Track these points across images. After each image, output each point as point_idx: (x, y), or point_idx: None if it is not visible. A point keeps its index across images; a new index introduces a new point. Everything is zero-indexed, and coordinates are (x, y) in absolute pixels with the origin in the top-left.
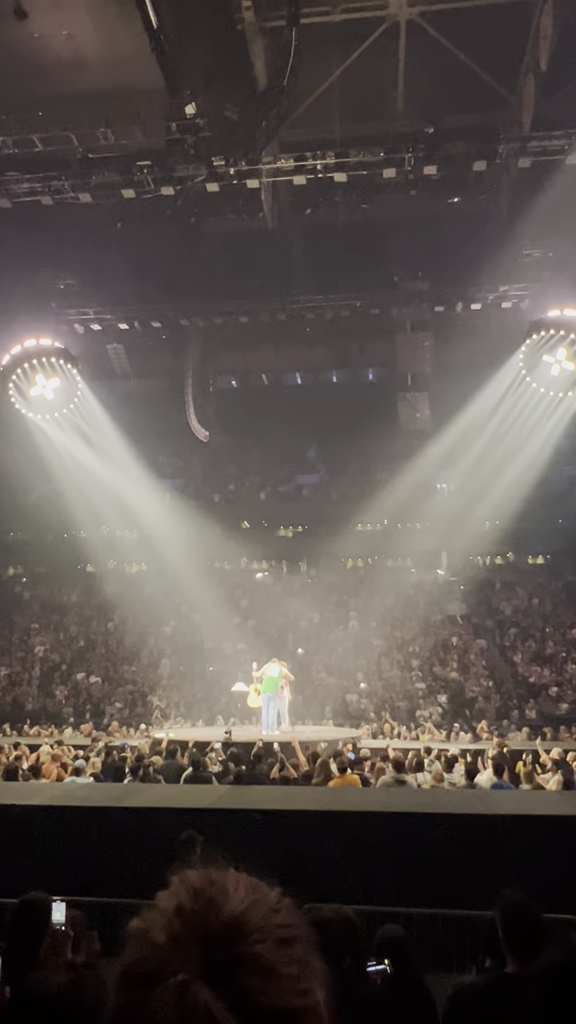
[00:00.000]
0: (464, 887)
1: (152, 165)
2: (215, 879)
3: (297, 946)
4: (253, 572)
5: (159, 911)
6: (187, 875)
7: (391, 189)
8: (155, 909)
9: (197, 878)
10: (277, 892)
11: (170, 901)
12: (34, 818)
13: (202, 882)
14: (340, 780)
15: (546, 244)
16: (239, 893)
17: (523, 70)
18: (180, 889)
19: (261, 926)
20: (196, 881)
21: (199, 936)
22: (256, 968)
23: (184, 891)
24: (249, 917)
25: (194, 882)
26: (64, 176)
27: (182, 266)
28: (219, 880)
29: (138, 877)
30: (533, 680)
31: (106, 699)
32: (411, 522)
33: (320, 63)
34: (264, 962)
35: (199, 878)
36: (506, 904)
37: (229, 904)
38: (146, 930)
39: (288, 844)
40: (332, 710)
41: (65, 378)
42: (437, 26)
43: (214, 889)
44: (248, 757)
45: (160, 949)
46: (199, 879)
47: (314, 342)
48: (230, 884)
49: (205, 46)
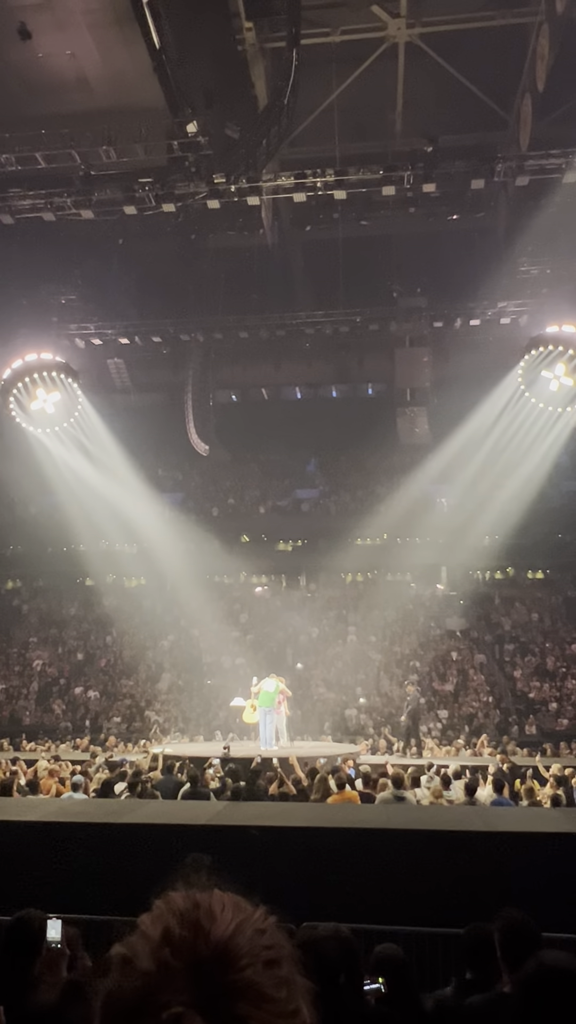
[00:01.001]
0: (462, 905)
1: (153, 182)
2: (201, 901)
3: (284, 966)
4: (252, 586)
5: (144, 937)
6: (171, 898)
7: (390, 206)
8: (140, 935)
9: (182, 901)
10: (262, 911)
11: (156, 926)
12: (30, 835)
13: (187, 905)
14: (339, 797)
15: (544, 261)
16: (226, 915)
17: (520, 90)
18: (165, 913)
19: (249, 950)
20: (181, 904)
21: (188, 964)
22: (247, 994)
23: (170, 915)
24: (237, 941)
25: (179, 905)
26: (66, 193)
27: (182, 282)
28: (205, 902)
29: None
30: (533, 696)
31: (104, 714)
32: (410, 537)
33: (320, 83)
34: (255, 987)
35: (184, 901)
36: (505, 923)
37: (217, 928)
38: (131, 957)
39: (285, 861)
40: (331, 725)
41: (66, 392)
42: (435, 47)
43: (200, 912)
44: (246, 773)
45: (148, 977)
46: (184, 902)
47: (313, 357)
48: (216, 906)
49: (207, 66)
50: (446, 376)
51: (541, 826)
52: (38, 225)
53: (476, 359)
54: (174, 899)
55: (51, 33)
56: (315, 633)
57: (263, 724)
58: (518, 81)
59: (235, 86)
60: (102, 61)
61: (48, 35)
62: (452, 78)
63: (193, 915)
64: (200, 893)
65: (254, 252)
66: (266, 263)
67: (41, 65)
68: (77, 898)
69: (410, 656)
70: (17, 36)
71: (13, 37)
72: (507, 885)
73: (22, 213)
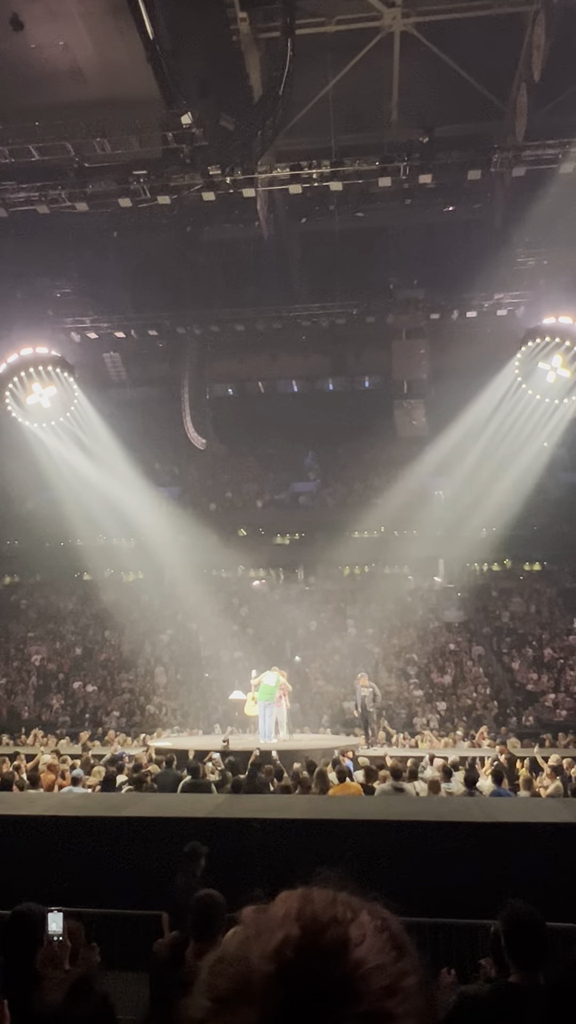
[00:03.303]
0: (464, 896)
1: (148, 174)
2: (340, 919)
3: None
4: (250, 580)
5: (261, 934)
6: (310, 898)
7: (386, 198)
8: (259, 927)
9: (321, 908)
10: (412, 961)
11: (278, 928)
12: (31, 828)
13: (324, 916)
14: (340, 789)
15: (541, 252)
16: (360, 952)
17: (516, 80)
18: (294, 916)
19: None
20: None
21: (290, 991)
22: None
23: (296, 921)
24: (357, 988)
25: (315, 912)
26: (61, 185)
27: (178, 274)
28: (343, 923)
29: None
30: (531, 687)
31: (103, 708)
32: (408, 529)
33: (315, 73)
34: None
35: (323, 909)
36: (509, 913)
37: (339, 964)
38: (233, 957)
39: (286, 853)
40: (330, 718)
41: (62, 386)
42: (431, 37)
43: (331, 933)
44: (246, 766)
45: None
46: (323, 910)
47: (310, 350)
48: (355, 933)
49: (201, 56)
50: (443, 368)
51: (541, 816)
52: (32, 218)
53: (473, 351)
54: (314, 901)
55: (44, 23)
56: (313, 626)
57: (262, 717)
58: (514, 71)
59: (230, 77)
60: (96, 52)
61: (41, 25)
62: (448, 68)
63: (320, 934)
64: (346, 905)
65: (250, 244)
66: (262, 255)
67: (34, 56)
68: (79, 891)
69: (408, 648)
70: (9, 27)
71: (5, 28)
72: (508, 875)
73: (16, 206)
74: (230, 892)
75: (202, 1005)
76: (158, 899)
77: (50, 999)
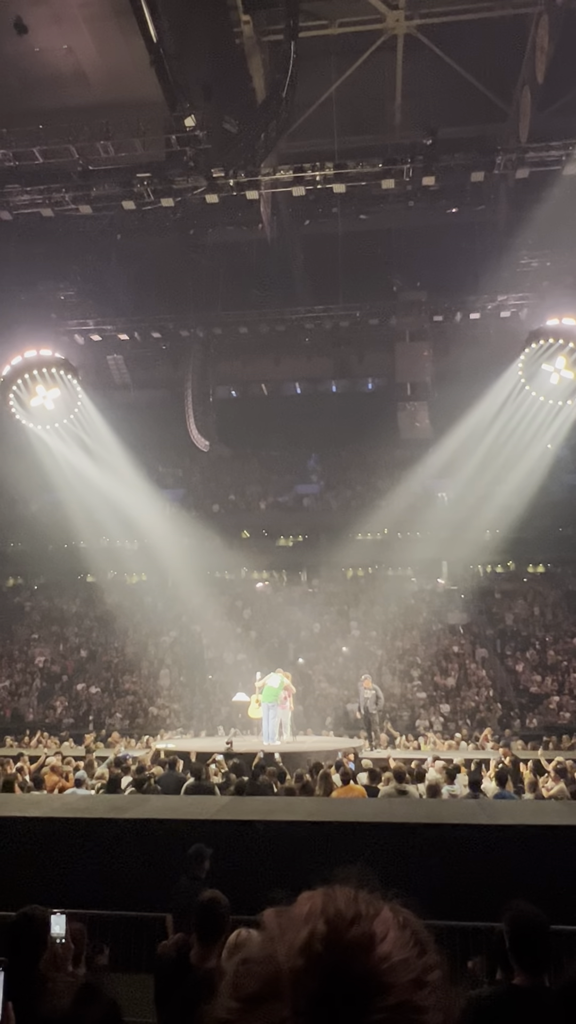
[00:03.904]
0: (468, 898)
1: (152, 177)
2: (364, 915)
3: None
4: (253, 582)
5: (287, 931)
6: (334, 896)
7: (390, 200)
8: (285, 924)
9: (344, 905)
10: (434, 957)
11: (303, 925)
12: (35, 830)
13: (348, 912)
14: (344, 791)
15: (544, 254)
16: (384, 947)
17: (520, 82)
18: (319, 913)
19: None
20: (342, 908)
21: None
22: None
23: (322, 919)
24: (385, 981)
25: (339, 909)
26: (64, 188)
27: (182, 277)
28: (368, 919)
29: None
30: (534, 689)
31: (106, 710)
32: (411, 531)
33: (318, 76)
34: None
35: (346, 906)
36: (514, 915)
37: (366, 958)
38: (261, 955)
39: (290, 855)
40: (333, 720)
41: (65, 389)
42: (434, 39)
43: (356, 930)
44: (249, 768)
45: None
46: (346, 907)
47: (313, 352)
48: (379, 928)
49: (204, 59)
50: (446, 370)
51: (545, 819)
52: (36, 221)
53: (476, 353)
54: (337, 899)
55: (48, 27)
56: (317, 628)
57: (266, 718)
58: (518, 73)
59: (233, 79)
60: (99, 55)
61: (45, 29)
62: (451, 70)
63: (347, 929)
64: (368, 902)
65: (253, 247)
66: (265, 258)
67: (38, 59)
68: (83, 893)
69: (411, 651)
70: (13, 30)
71: (9, 31)
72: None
73: (20, 209)
74: (234, 894)
75: (230, 1006)
76: (162, 901)
77: (58, 1003)
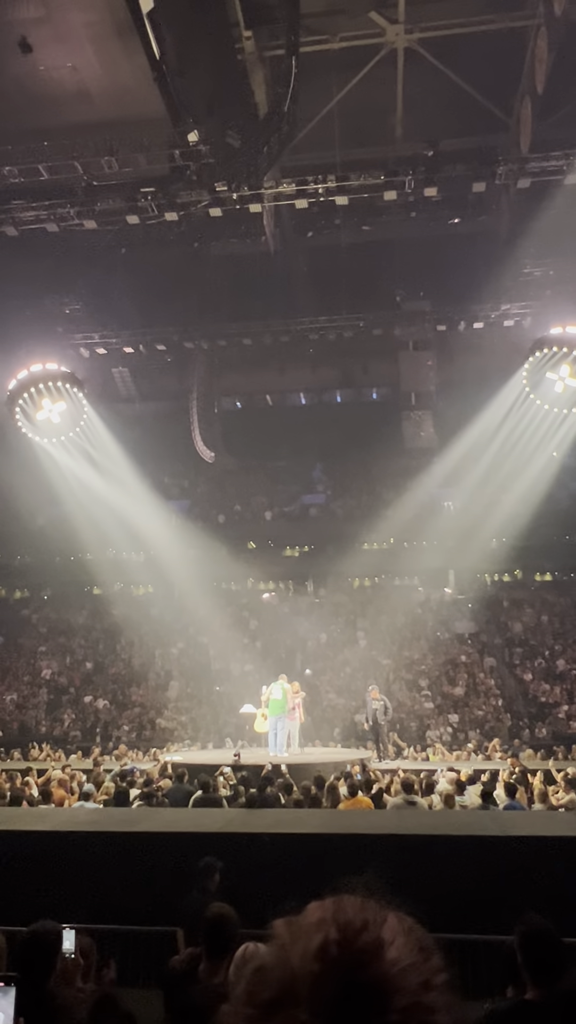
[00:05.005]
0: (479, 911)
1: (156, 192)
2: (372, 922)
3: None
4: (260, 592)
5: (299, 939)
6: (343, 904)
7: (392, 211)
8: (297, 933)
9: (353, 913)
10: (438, 961)
11: (315, 932)
12: (42, 844)
13: (357, 919)
14: (351, 803)
15: (547, 262)
16: (392, 952)
17: (520, 93)
18: (330, 920)
19: (405, 1005)
20: (351, 916)
21: (337, 990)
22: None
23: (334, 925)
24: (395, 985)
25: (348, 917)
26: (69, 203)
27: (186, 290)
28: (376, 926)
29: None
30: (543, 698)
31: (113, 723)
32: (417, 540)
33: (320, 89)
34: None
35: (355, 913)
36: (525, 929)
37: (376, 964)
38: (275, 962)
39: (298, 867)
40: (341, 731)
41: (71, 402)
42: (434, 52)
43: (367, 936)
44: (257, 780)
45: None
46: (355, 914)
47: (318, 363)
48: (388, 934)
49: (207, 75)
50: (451, 379)
51: (557, 829)
52: (41, 236)
53: (480, 362)
54: (346, 907)
55: (52, 46)
56: (323, 639)
57: (273, 730)
58: (518, 84)
59: (235, 94)
60: (103, 73)
61: (49, 48)
62: (452, 82)
63: (358, 935)
64: (375, 910)
65: (257, 259)
66: (269, 270)
67: (42, 78)
68: (91, 908)
69: (419, 661)
70: (18, 49)
71: (14, 50)
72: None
73: (25, 224)
74: (243, 908)
75: (245, 1014)
76: (171, 915)
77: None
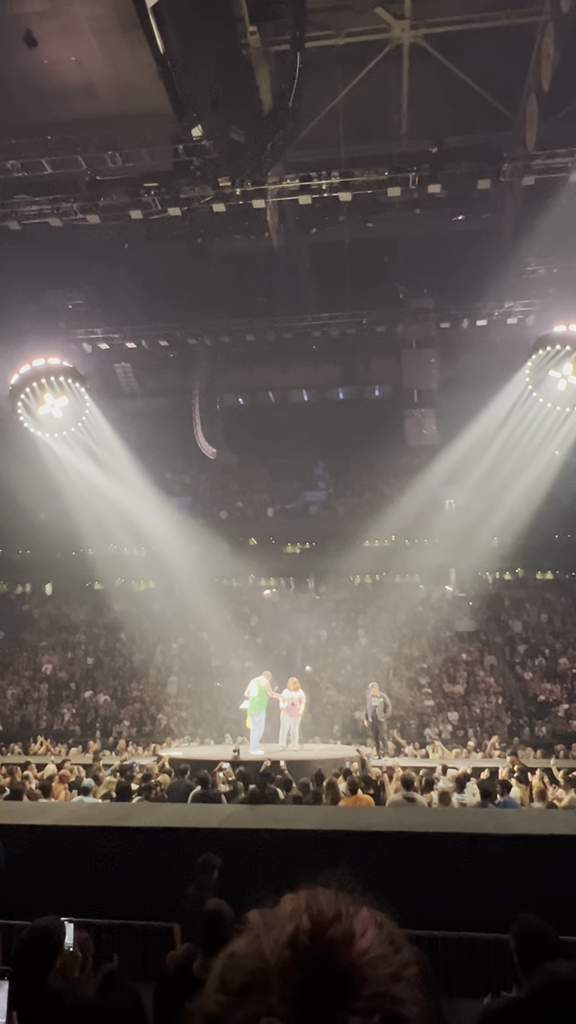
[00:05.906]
0: (477, 909)
1: (159, 187)
2: (344, 914)
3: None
4: (261, 589)
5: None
6: (316, 896)
7: (396, 208)
8: (269, 923)
9: (326, 904)
10: (411, 954)
11: (287, 922)
12: (41, 838)
13: (329, 910)
14: (351, 800)
15: (551, 260)
16: (362, 943)
17: (525, 90)
18: (303, 910)
19: (373, 993)
20: (324, 907)
21: (305, 979)
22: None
23: (307, 915)
24: (363, 975)
25: (320, 908)
26: (73, 198)
27: (189, 286)
28: (348, 918)
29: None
30: (543, 697)
31: (114, 718)
32: (419, 538)
33: (324, 85)
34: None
35: (328, 905)
36: (521, 927)
37: (346, 953)
38: (246, 951)
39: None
40: (341, 728)
41: (73, 397)
42: (440, 48)
43: (339, 926)
44: (256, 776)
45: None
46: (327, 906)
47: (320, 360)
48: (359, 926)
49: (211, 70)
50: (453, 377)
51: (554, 828)
52: (45, 231)
53: (483, 359)
54: (319, 899)
55: (57, 40)
56: (324, 636)
57: (255, 727)
58: (523, 81)
59: (240, 90)
60: (108, 67)
61: (54, 42)
62: (457, 79)
63: (329, 925)
64: (348, 903)
65: (260, 255)
66: (272, 266)
67: (47, 72)
68: (88, 902)
69: (419, 658)
70: (23, 43)
71: (19, 44)
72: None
73: (29, 219)
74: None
75: (217, 1000)
76: (170, 910)
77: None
